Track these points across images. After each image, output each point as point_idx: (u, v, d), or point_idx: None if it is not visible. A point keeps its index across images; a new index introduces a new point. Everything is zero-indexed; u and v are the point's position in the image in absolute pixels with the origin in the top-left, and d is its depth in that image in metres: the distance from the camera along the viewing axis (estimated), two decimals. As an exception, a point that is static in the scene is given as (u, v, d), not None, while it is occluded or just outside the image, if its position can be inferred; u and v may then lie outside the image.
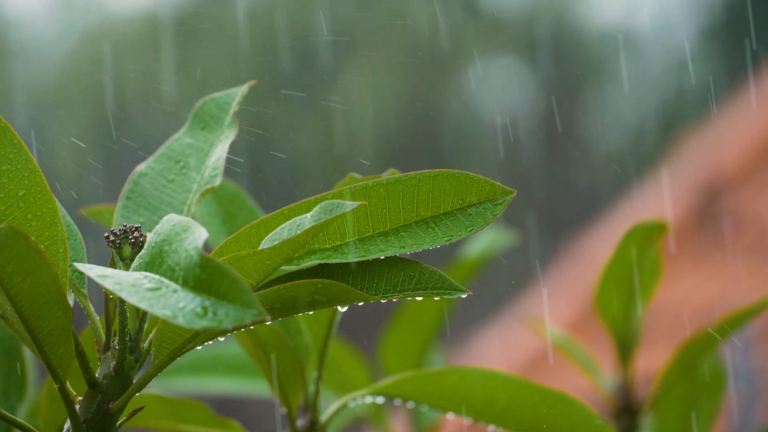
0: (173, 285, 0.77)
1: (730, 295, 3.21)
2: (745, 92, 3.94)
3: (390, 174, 1.02)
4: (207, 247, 0.90)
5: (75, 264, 0.85)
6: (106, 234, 0.89)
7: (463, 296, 0.85)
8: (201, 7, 6.56)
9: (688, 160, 3.80)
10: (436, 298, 0.86)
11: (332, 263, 0.89)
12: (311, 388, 1.21)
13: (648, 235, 1.62)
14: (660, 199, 3.71)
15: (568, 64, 6.58)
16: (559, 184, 5.86)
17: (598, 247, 3.62)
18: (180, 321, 0.73)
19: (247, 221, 1.22)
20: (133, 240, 0.89)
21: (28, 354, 1.23)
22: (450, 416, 1.16)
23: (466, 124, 6.66)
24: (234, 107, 1.00)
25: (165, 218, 0.83)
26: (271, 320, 0.85)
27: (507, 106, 6.69)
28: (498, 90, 6.78)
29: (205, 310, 0.74)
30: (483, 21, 6.84)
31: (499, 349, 3.64)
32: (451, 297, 0.85)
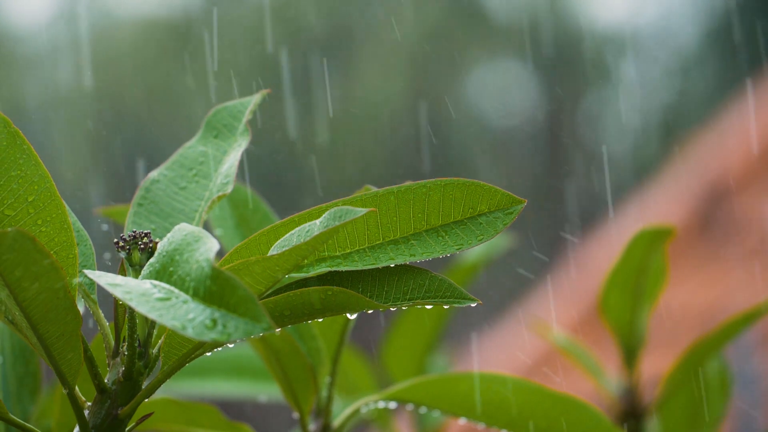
0: (183, 295, 0.77)
1: (733, 298, 3.21)
2: (747, 96, 3.93)
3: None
4: (220, 251, 0.90)
5: (85, 271, 0.85)
6: (115, 240, 0.89)
7: (473, 305, 0.85)
8: (202, 12, 6.56)
9: (691, 163, 3.79)
10: (445, 307, 0.86)
11: (342, 271, 0.89)
12: (324, 393, 1.21)
13: (655, 239, 1.63)
14: (663, 202, 3.71)
15: (571, 67, 6.58)
16: (563, 187, 5.86)
17: (602, 251, 3.62)
18: (189, 333, 0.73)
19: (261, 225, 1.22)
20: (142, 246, 0.89)
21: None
22: (462, 421, 1.16)
23: (468, 128, 6.66)
24: (247, 116, 1.00)
25: (176, 227, 0.83)
26: (281, 328, 0.85)
27: (509, 109, 6.69)
28: (500, 93, 6.78)
29: (215, 322, 0.74)
30: (485, 24, 6.84)
31: (504, 352, 3.64)
32: (461, 306, 0.85)
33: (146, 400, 0.88)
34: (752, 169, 3.55)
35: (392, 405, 1.17)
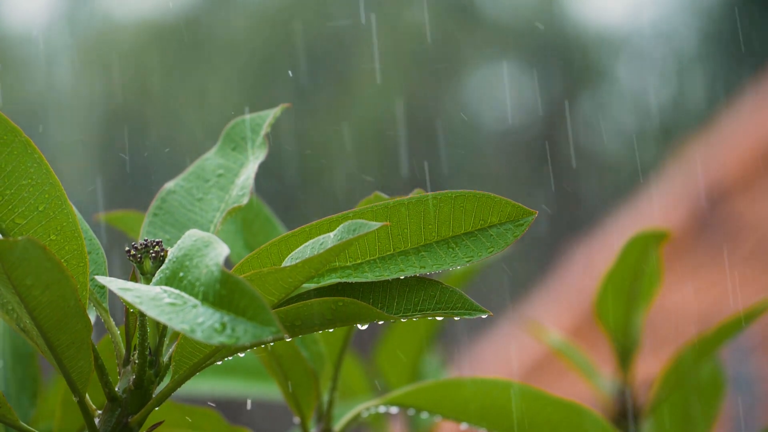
0: (193, 300, 0.77)
1: (729, 301, 3.22)
2: (745, 99, 3.94)
3: (415, 194, 1.02)
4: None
5: (96, 277, 0.85)
6: (127, 248, 0.89)
7: (484, 317, 0.86)
8: (203, 15, 6.55)
9: (688, 167, 3.80)
10: (456, 318, 0.86)
11: (352, 282, 0.89)
12: (325, 398, 1.21)
13: (649, 242, 1.63)
14: (660, 206, 3.72)
15: (568, 70, 6.58)
16: (560, 190, 5.86)
17: (598, 254, 3.63)
18: (198, 336, 0.74)
19: (263, 229, 1.22)
20: (154, 254, 0.89)
21: (41, 361, 1.24)
22: (464, 426, 1.17)
23: (465, 130, 6.65)
24: (265, 129, 1.00)
25: (187, 233, 0.83)
26: (291, 337, 0.85)
27: (506, 112, 6.69)
28: (497, 96, 6.78)
29: (224, 326, 0.74)
30: (482, 26, 6.84)
31: (499, 354, 3.64)
32: (471, 317, 0.86)
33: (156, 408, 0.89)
34: (749, 172, 3.56)
35: (393, 410, 1.17)
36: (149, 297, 0.78)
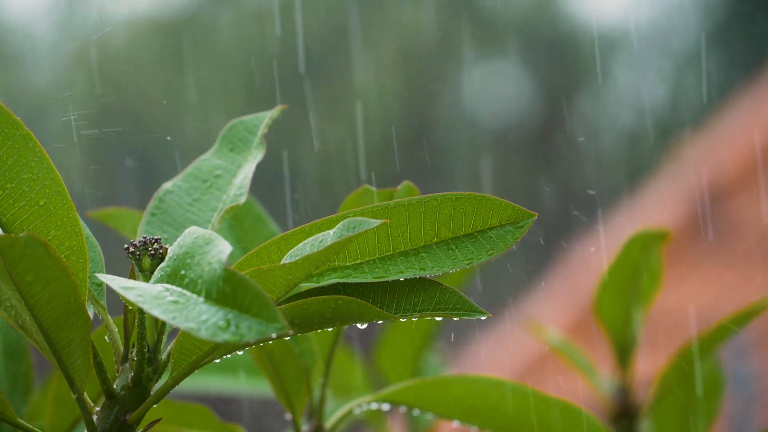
0: (195, 298, 0.77)
1: (728, 300, 3.22)
2: (743, 96, 3.94)
3: (404, 187, 1.02)
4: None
5: (97, 274, 0.85)
6: (125, 245, 0.89)
7: (483, 318, 0.86)
8: (199, 12, 6.55)
9: (687, 165, 3.80)
10: (455, 319, 0.86)
11: (352, 282, 0.89)
12: (317, 394, 1.21)
13: (650, 242, 1.63)
14: (659, 204, 3.72)
15: (566, 67, 6.58)
16: (558, 188, 5.86)
17: (597, 252, 3.63)
18: (203, 334, 0.74)
19: (254, 225, 1.22)
20: (152, 252, 0.89)
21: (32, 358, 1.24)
22: (455, 424, 1.17)
23: (463, 128, 6.65)
24: (263, 130, 1.01)
25: (186, 231, 0.83)
26: (292, 335, 0.85)
27: (504, 109, 6.69)
28: (495, 93, 6.78)
29: (228, 323, 0.74)
30: (480, 23, 6.84)
31: (498, 352, 3.64)
32: (471, 318, 0.86)
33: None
34: (748, 170, 3.56)
35: (385, 407, 1.17)
36: (152, 295, 0.77)
